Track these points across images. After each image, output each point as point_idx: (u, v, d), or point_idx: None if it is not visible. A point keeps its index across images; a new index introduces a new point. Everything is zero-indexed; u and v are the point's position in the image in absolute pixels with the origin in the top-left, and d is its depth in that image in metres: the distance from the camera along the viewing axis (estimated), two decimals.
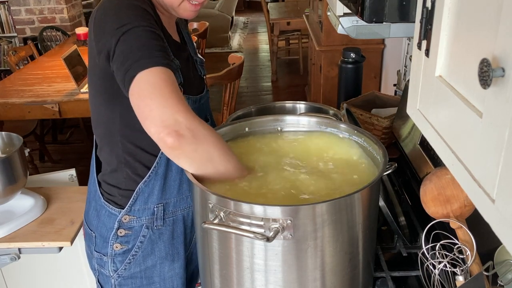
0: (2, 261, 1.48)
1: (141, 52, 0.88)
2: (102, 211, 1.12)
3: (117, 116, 1.03)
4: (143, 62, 0.87)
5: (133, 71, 0.87)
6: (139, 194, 1.07)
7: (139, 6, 0.94)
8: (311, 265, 0.85)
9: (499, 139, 0.44)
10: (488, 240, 0.81)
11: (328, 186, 0.97)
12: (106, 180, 1.12)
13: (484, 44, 0.48)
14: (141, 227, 1.10)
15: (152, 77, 0.87)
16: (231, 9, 7.68)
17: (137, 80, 0.87)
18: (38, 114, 2.83)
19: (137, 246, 1.11)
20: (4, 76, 4.97)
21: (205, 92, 1.20)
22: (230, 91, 2.90)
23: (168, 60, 0.91)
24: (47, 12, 5.02)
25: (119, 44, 0.90)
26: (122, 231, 1.10)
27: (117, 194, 1.10)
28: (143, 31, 0.90)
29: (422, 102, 0.69)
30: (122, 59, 0.89)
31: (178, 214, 1.13)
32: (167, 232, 1.13)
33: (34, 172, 3.20)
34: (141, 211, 1.09)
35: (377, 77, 3.17)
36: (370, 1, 0.83)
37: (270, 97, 5.28)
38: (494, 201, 0.45)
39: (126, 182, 1.09)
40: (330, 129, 1.14)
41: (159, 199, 1.09)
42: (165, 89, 0.86)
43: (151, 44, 0.90)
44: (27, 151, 1.70)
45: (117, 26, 0.91)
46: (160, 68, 0.87)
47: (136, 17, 0.92)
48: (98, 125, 1.09)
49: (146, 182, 1.06)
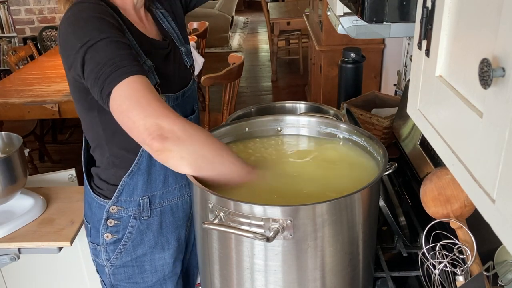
0: (2, 261, 1.48)
1: (108, 67, 0.88)
2: (93, 203, 1.16)
3: (98, 122, 1.07)
4: (113, 77, 0.88)
5: (106, 89, 0.88)
6: (124, 186, 1.11)
7: (98, 17, 0.95)
8: (311, 265, 0.85)
9: (499, 139, 0.44)
10: (488, 240, 0.81)
11: (328, 186, 0.97)
12: (99, 174, 1.16)
13: (485, 44, 0.48)
14: (129, 218, 1.14)
15: (126, 90, 0.88)
16: (231, 9, 7.68)
17: (113, 97, 0.88)
18: (38, 114, 2.83)
19: (127, 236, 1.15)
20: (3, 76, 4.97)
21: (191, 83, 1.21)
22: (230, 91, 2.90)
23: (138, 66, 0.91)
24: (47, 12, 5.02)
25: (86, 63, 0.91)
26: (112, 221, 1.14)
27: (106, 188, 1.15)
28: (106, 44, 0.91)
29: (422, 102, 0.69)
30: (93, 78, 0.90)
31: (165, 205, 1.17)
32: (155, 222, 1.17)
33: (34, 172, 3.20)
34: (127, 202, 1.13)
35: (377, 77, 3.17)
36: (370, 1, 0.83)
37: (270, 97, 5.28)
38: (494, 201, 0.45)
39: (114, 178, 1.13)
40: (330, 129, 1.14)
41: (144, 192, 1.13)
42: (141, 98, 0.87)
43: (116, 55, 0.90)
44: (27, 151, 1.70)
45: (79, 43, 0.91)
46: (131, 78, 0.88)
47: (97, 30, 0.92)
48: (85, 130, 1.14)
49: (130, 176, 1.10)
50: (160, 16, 1.18)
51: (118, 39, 0.92)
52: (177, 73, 1.17)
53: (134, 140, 1.02)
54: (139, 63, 0.93)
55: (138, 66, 0.91)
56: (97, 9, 0.97)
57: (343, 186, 0.96)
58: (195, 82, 1.25)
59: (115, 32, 0.93)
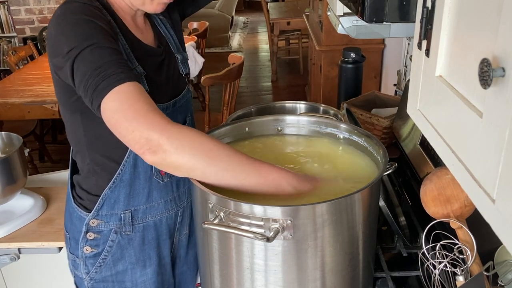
0: (2, 261, 1.48)
1: (94, 78, 0.85)
2: (74, 213, 1.12)
3: (81, 126, 1.03)
4: (100, 88, 0.85)
5: (96, 102, 0.86)
6: (105, 199, 1.07)
7: (86, 19, 0.91)
8: (311, 265, 0.85)
9: (499, 139, 0.44)
10: (488, 240, 0.81)
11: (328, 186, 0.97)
12: (80, 183, 1.12)
13: (484, 44, 0.48)
14: (109, 232, 1.10)
15: (112, 103, 0.85)
16: (231, 9, 7.68)
17: (103, 110, 0.86)
18: (38, 114, 2.83)
19: (106, 250, 1.11)
20: (3, 76, 4.97)
21: (186, 91, 1.17)
22: (230, 91, 2.90)
23: (125, 73, 0.87)
24: (47, 12, 5.02)
25: (75, 73, 0.88)
26: (91, 234, 1.10)
27: (86, 199, 1.10)
28: (90, 52, 0.87)
29: (422, 102, 0.69)
30: (83, 88, 0.87)
31: (148, 220, 1.12)
32: (136, 238, 1.12)
33: (34, 172, 3.20)
34: (108, 216, 1.08)
35: (377, 77, 3.17)
36: (370, 1, 0.83)
37: (270, 97, 5.28)
38: (494, 201, 0.45)
39: (95, 188, 1.09)
40: (330, 129, 1.14)
41: (126, 205, 1.08)
42: (127, 111, 0.84)
43: (100, 64, 0.86)
44: (27, 151, 1.69)
45: (67, 48, 0.88)
46: (117, 88, 0.85)
47: (82, 35, 0.88)
48: (68, 134, 1.10)
49: (111, 188, 1.06)
50: (158, 22, 1.15)
51: (103, 45, 0.88)
52: (170, 82, 1.12)
53: (116, 148, 1.01)
54: (127, 68, 0.89)
55: (125, 73, 0.87)
56: (87, 10, 0.92)
57: (343, 186, 0.96)
58: (190, 91, 1.21)
59: (101, 37, 0.89)
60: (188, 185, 1.15)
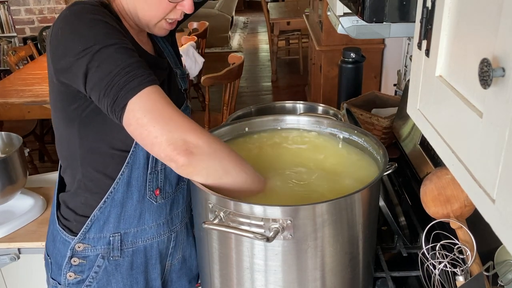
0: (2, 261, 1.48)
1: (122, 76, 0.81)
2: (57, 236, 1.06)
3: (76, 138, 0.97)
4: (129, 87, 0.81)
5: (122, 100, 0.81)
6: (94, 221, 1.01)
7: (103, 20, 0.87)
8: (311, 265, 0.85)
9: (499, 139, 0.44)
10: (488, 240, 0.81)
11: (328, 186, 0.97)
12: (66, 202, 1.06)
13: (484, 44, 0.48)
14: (96, 257, 1.03)
15: (145, 102, 0.82)
16: (231, 9, 7.68)
17: (130, 109, 0.81)
18: (38, 114, 2.83)
19: (92, 276, 1.04)
20: (3, 76, 4.97)
21: (184, 107, 1.12)
22: (230, 91, 2.90)
23: (153, 75, 0.85)
24: (47, 12, 5.02)
25: (91, 71, 0.83)
26: (76, 259, 1.03)
27: (73, 220, 1.04)
28: (116, 51, 0.83)
29: (422, 102, 0.69)
30: (103, 87, 0.82)
31: (139, 245, 1.06)
32: (125, 263, 1.05)
33: (33, 172, 3.20)
34: (96, 239, 1.02)
35: (377, 77, 3.17)
36: (370, 1, 0.83)
37: (270, 97, 5.28)
38: (494, 201, 0.45)
39: (83, 207, 1.02)
40: (330, 129, 1.14)
41: (115, 228, 1.02)
42: (163, 110, 0.83)
43: (129, 63, 0.83)
44: (27, 151, 1.70)
45: (83, 47, 0.83)
46: (149, 88, 0.82)
47: (103, 35, 0.84)
48: (59, 146, 1.03)
49: (102, 208, 1.00)
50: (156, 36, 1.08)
51: (127, 46, 0.85)
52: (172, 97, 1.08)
53: (112, 163, 0.97)
54: (152, 72, 0.86)
55: (152, 75, 0.84)
56: (101, 12, 0.89)
57: (343, 186, 0.96)
58: (189, 108, 1.16)
59: (123, 39, 0.86)
60: (182, 207, 1.12)
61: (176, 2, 0.94)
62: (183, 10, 0.96)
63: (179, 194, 1.10)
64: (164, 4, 0.93)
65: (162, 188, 1.04)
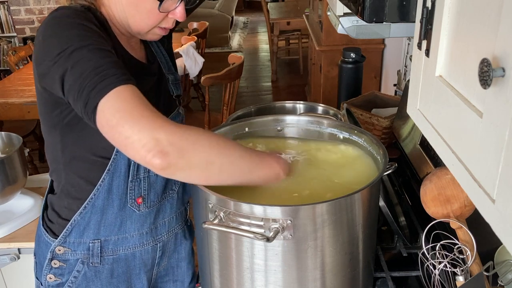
0: (2, 261, 1.48)
1: (94, 77, 0.78)
2: (41, 237, 1.06)
3: (58, 143, 0.96)
4: (100, 87, 0.78)
5: (92, 101, 0.78)
6: (74, 226, 1.00)
7: (81, 23, 0.85)
8: (311, 265, 0.85)
9: (499, 139, 0.44)
10: (488, 240, 0.81)
11: (328, 186, 0.97)
12: (52, 204, 1.05)
13: (484, 44, 0.48)
14: (76, 261, 1.03)
15: (115, 101, 0.78)
16: (231, 9, 7.68)
17: (101, 110, 0.78)
18: (38, 114, 2.83)
19: (71, 281, 1.04)
20: (3, 76, 4.97)
21: (175, 114, 1.09)
22: (230, 91, 2.90)
23: (126, 75, 0.81)
24: (47, 12, 5.01)
25: (67, 74, 0.80)
26: (57, 262, 1.03)
27: (56, 222, 1.03)
28: (89, 51, 0.81)
29: (422, 102, 0.69)
30: (76, 89, 0.79)
31: (120, 253, 1.04)
32: (104, 270, 1.04)
33: (33, 172, 3.20)
34: (76, 244, 1.02)
35: (377, 77, 3.17)
36: (370, 1, 0.83)
37: (270, 97, 5.28)
38: (494, 201, 0.45)
39: (66, 211, 1.02)
40: (330, 129, 1.14)
41: (95, 234, 1.01)
42: (134, 109, 0.77)
43: (101, 64, 0.80)
44: (27, 151, 1.70)
45: (58, 50, 0.81)
46: (120, 87, 0.78)
47: (78, 36, 0.82)
48: (46, 150, 1.03)
49: (82, 213, 0.99)
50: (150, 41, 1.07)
51: (102, 47, 0.83)
52: (159, 103, 1.05)
53: (94, 169, 0.96)
54: (127, 71, 0.83)
55: (126, 75, 0.81)
56: (82, 15, 0.87)
57: (343, 186, 0.96)
58: (181, 114, 1.12)
59: (99, 40, 0.84)
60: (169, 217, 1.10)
61: (167, 11, 0.92)
62: (175, 18, 0.94)
63: (165, 203, 1.08)
64: (155, 13, 0.91)
65: (145, 197, 1.02)
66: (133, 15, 0.93)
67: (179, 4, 0.92)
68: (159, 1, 0.89)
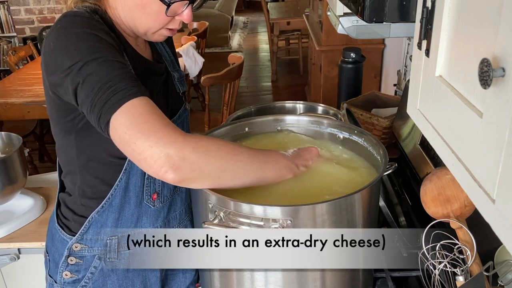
0: (2, 261, 1.48)
1: (104, 92, 0.80)
2: (56, 234, 1.06)
3: (74, 146, 0.97)
4: (110, 103, 0.79)
5: (104, 117, 0.80)
6: (92, 223, 1.01)
7: (91, 33, 0.85)
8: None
9: (499, 139, 0.44)
10: (488, 240, 0.81)
11: (328, 186, 0.97)
12: (66, 201, 1.06)
13: (484, 44, 0.48)
14: (93, 258, 1.03)
15: (126, 118, 0.79)
16: (231, 9, 7.68)
17: (113, 126, 0.80)
18: (38, 114, 2.83)
19: (88, 277, 1.04)
20: (3, 76, 4.97)
21: (182, 111, 1.11)
22: (230, 91, 2.90)
23: (137, 87, 0.82)
24: (47, 12, 5.02)
25: (79, 88, 0.82)
26: (73, 259, 1.03)
27: (71, 219, 1.04)
28: (99, 64, 0.82)
29: (422, 102, 0.69)
30: (88, 104, 0.81)
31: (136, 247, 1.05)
32: (121, 265, 1.05)
33: (33, 172, 3.20)
34: (93, 241, 1.02)
35: (377, 77, 3.17)
36: (370, 1, 0.83)
37: (270, 97, 5.28)
38: (494, 201, 0.45)
39: (82, 208, 1.03)
40: (330, 129, 1.14)
41: (113, 231, 1.02)
42: (144, 125, 0.79)
43: (111, 77, 0.81)
44: (27, 151, 1.70)
45: (69, 63, 0.82)
46: (130, 102, 0.80)
47: (88, 49, 0.83)
48: (59, 152, 1.03)
49: (100, 212, 1.00)
50: None
51: (112, 58, 0.83)
52: (168, 102, 1.07)
53: (110, 170, 0.97)
54: (138, 83, 0.84)
55: (137, 87, 0.82)
56: (91, 24, 0.87)
57: (343, 187, 0.96)
58: (187, 111, 1.14)
59: (109, 51, 0.85)
60: (180, 209, 1.11)
61: (175, 15, 0.92)
62: (182, 20, 0.95)
63: (177, 197, 1.10)
64: (162, 15, 0.91)
65: (160, 192, 1.04)
66: (140, 17, 0.93)
67: (186, 7, 0.92)
68: (166, 5, 0.89)
